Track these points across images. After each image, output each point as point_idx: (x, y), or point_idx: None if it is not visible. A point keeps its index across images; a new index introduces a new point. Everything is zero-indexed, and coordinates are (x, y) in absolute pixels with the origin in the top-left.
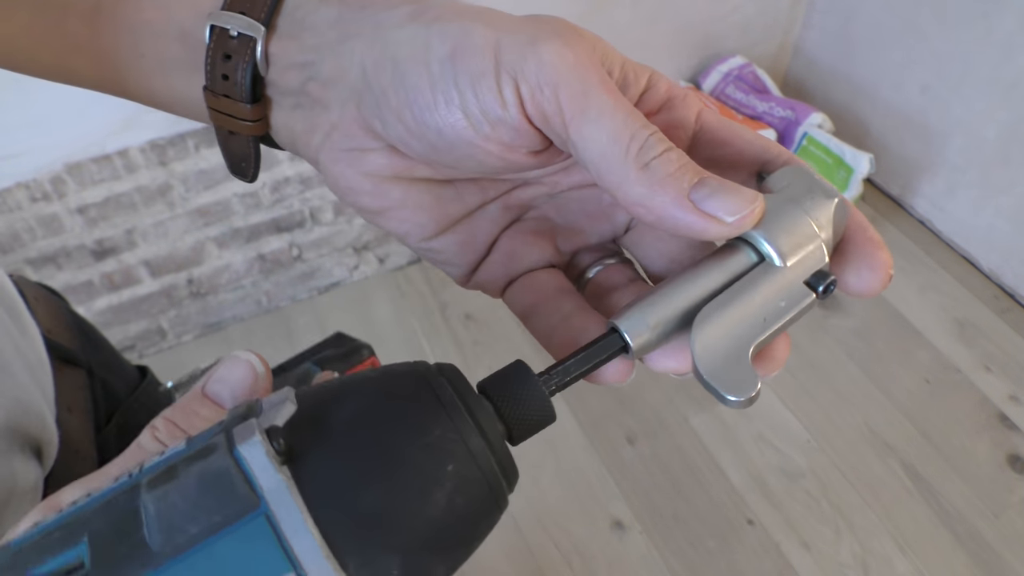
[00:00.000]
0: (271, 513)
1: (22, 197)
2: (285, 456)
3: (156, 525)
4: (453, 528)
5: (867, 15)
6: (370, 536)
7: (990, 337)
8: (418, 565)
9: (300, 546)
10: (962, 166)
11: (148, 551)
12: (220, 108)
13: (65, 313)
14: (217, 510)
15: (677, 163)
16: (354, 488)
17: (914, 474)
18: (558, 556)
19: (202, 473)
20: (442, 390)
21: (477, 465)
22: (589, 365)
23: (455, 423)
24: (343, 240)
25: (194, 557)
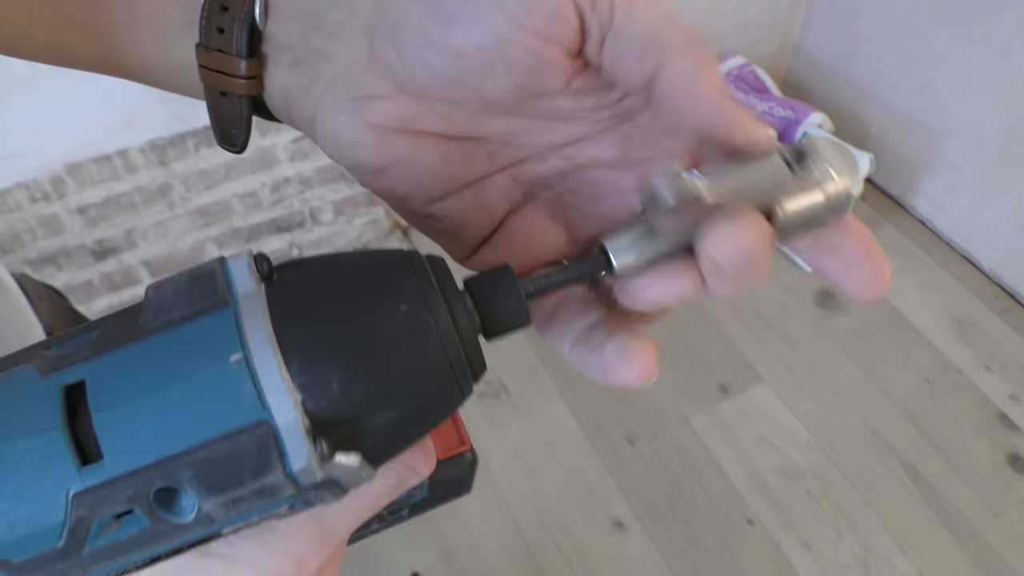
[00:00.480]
0: (238, 310)
1: (22, 197)
2: (266, 276)
3: (150, 308)
4: (397, 366)
5: (867, 15)
6: (315, 344)
7: (990, 337)
8: (358, 388)
9: (254, 338)
10: (962, 166)
11: (138, 329)
12: (213, 65)
13: (68, 311)
14: (198, 301)
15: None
16: (312, 305)
17: (914, 474)
18: (558, 556)
19: (193, 272)
20: (417, 259)
21: (432, 316)
22: (570, 276)
23: (418, 278)
24: (343, 240)
25: (168, 334)
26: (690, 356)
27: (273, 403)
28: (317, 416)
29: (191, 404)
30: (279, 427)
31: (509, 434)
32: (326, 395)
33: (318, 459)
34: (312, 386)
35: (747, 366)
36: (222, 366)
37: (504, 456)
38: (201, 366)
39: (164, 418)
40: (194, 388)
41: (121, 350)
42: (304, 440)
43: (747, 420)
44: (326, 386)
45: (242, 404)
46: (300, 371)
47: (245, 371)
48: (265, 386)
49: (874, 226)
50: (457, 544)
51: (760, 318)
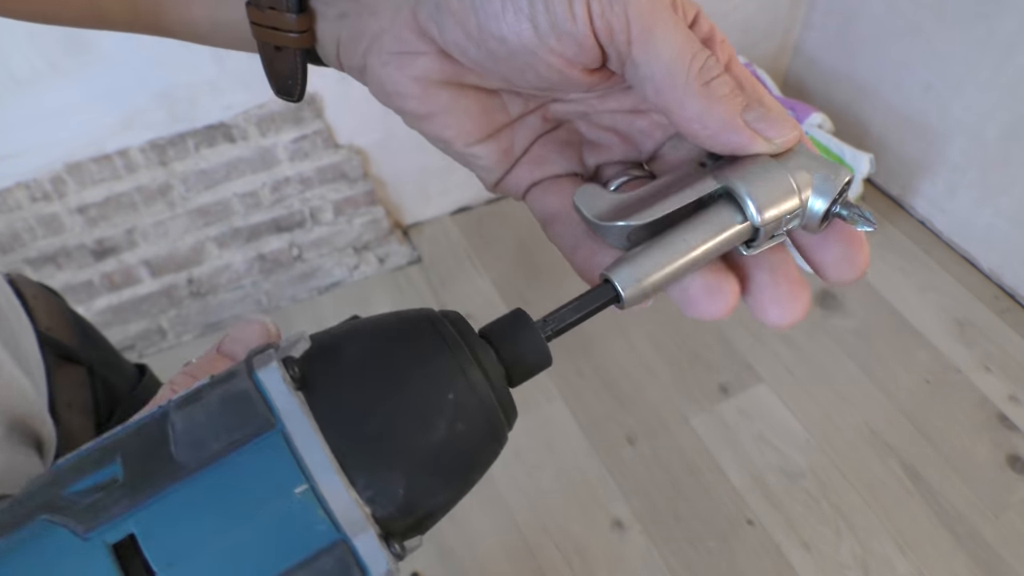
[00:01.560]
0: (286, 431)
1: (22, 197)
2: (299, 382)
3: (182, 440)
4: (453, 453)
5: (867, 15)
6: (376, 455)
7: (990, 337)
8: (421, 485)
9: (312, 461)
10: (962, 166)
11: (175, 464)
12: (265, 22)
13: (64, 311)
14: (238, 428)
15: (731, 85)
16: (362, 411)
17: (914, 474)
18: (558, 556)
19: (224, 394)
20: (445, 329)
21: (476, 396)
22: (583, 313)
23: (456, 357)
24: (343, 240)
25: (216, 470)
26: (690, 356)
27: (346, 524)
28: (387, 521)
29: (262, 542)
30: (355, 545)
31: (509, 434)
32: (394, 503)
33: (395, 561)
34: (379, 498)
35: (747, 366)
36: (288, 499)
37: (504, 456)
38: (264, 501)
39: (237, 561)
40: (262, 526)
41: (166, 493)
42: (380, 550)
43: (747, 420)
44: (393, 495)
45: (316, 532)
46: (367, 487)
47: (313, 500)
48: (336, 510)
49: None
50: (456, 544)
51: None
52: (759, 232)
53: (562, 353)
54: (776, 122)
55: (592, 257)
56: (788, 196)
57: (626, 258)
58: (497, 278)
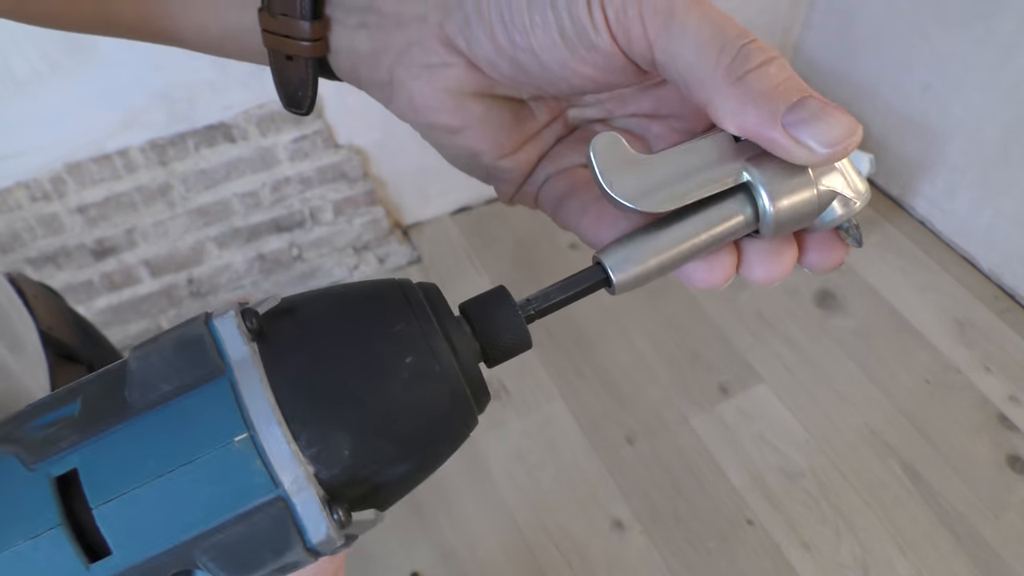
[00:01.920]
0: (234, 379)
1: (22, 196)
2: (256, 334)
3: (135, 381)
4: (408, 419)
5: (867, 15)
6: (323, 412)
7: (990, 337)
8: (370, 448)
9: (256, 412)
10: (962, 166)
11: (126, 405)
12: (277, 30)
13: (65, 311)
14: (188, 372)
15: (775, 78)
16: (313, 367)
17: (914, 474)
18: (558, 556)
19: (179, 338)
20: (414, 296)
21: (438, 363)
22: (570, 293)
23: (419, 321)
24: (343, 240)
25: (162, 412)
26: (690, 356)
27: (285, 480)
28: (331, 484)
29: (198, 488)
30: (294, 503)
31: (509, 434)
32: (339, 463)
33: (337, 528)
34: (324, 456)
35: (747, 366)
36: (227, 447)
37: (504, 456)
38: (203, 447)
39: (171, 505)
40: (199, 472)
41: (111, 432)
42: (321, 512)
43: (747, 420)
44: (338, 454)
45: (253, 485)
46: (310, 443)
47: (252, 449)
48: (275, 463)
49: (874, 226)
50: (456, 544)
51: (760, 318)
52: (766, 229)
53: (562, 353)
54: (826, 127)
55: (599, 222)
56: (806, 213)
57: (621, 241)
58: (497, 278)
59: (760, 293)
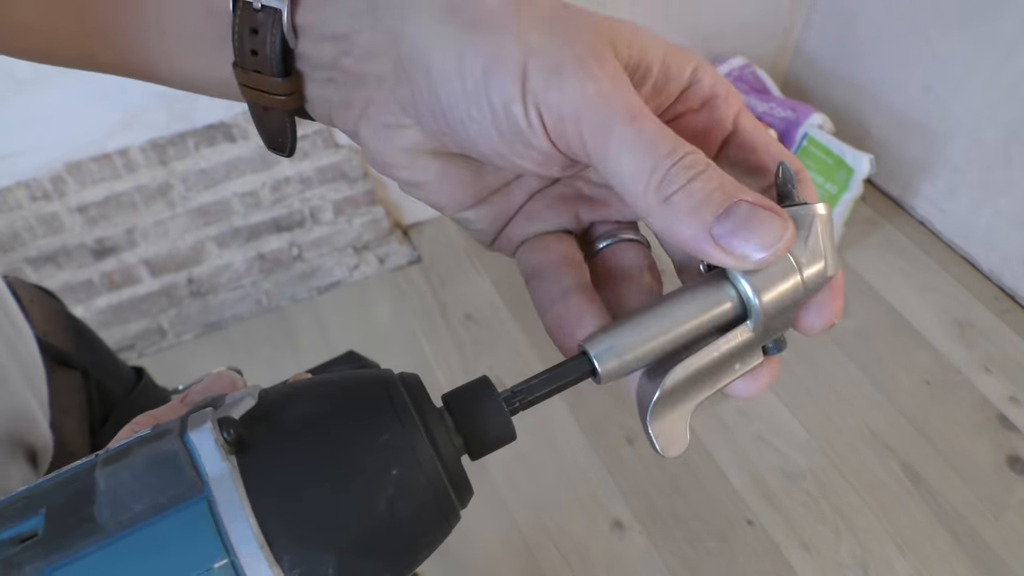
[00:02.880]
0: (213, 499)
1: (22, 196)
2: (235, 446)
3: (105, 501)
4: (394, 534)
5: (868, 16)
6: (307, 532)
7: (990, 338)
8: (354, 567)
9: (237, 535)
10: (962, 167)
11: (95, 526)
12: (251, 84)
13: (61, 315)
14: (162, 491)
15: (701, 193)
16: (297, 483)
17: (914, 475)
18: (558, 556)
19: (151, 454)
20: (398, 397)
21: (423, 473)
22: (555, 386)
23: (405, 429)
24: (343, 240)
25: (135, 535)
26: None
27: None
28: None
29: None
30: None
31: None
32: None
33: None
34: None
35: None
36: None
37: (504, 456)
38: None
39: None
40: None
41: (82, 556)
42: None
43: (747, 420)
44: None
45: None
46: (292, 565)
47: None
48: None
49: (874, 227)
50: (456, 544)
51: None
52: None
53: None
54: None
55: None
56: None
57: (607, 330)
58: (497, 278)
59: None
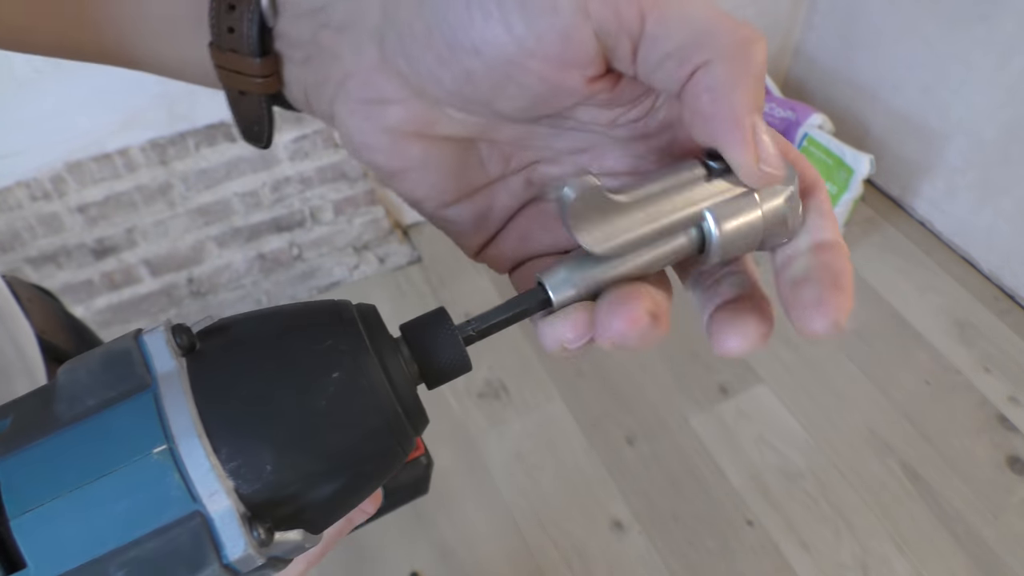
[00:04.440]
0: (159, 393)
1: (22, 196)
2: (186, 349)
3: (62, 396)
4: (334, 436)
5: (868, 16)
6: (245, 426)
7: (990, 338)
8: (293, 464)
9: (178, 426)
10: (962, 167)
11: (53, 419)
12: (228, 65)
13: (59, 314)
14: (113, 386)
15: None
16: (238, 381)
17: (913, 475)
18: (558, 556)
19: (106, 352)
20: (347, 314)
21: (366, 379)
22: (510, 314)
23: (348, 338)
24: (343, 240)
25: (85, 425)
26: (690, 356)
27: (203, 493)
28: (253, 500)
29: (115, 501)
30: (212, 518)
31: (509, 434)
32: (260, 478)
33: (256, 545)
34: (244, 471)
35: (747, 367)
36: (145, 459)
37: (504, 456)
38: (122, 459)
39: (88, 518)
40: (117, 484)
41: (34, 445)
42: (240, 529)
43: (746, 421)
44: (259, 469)
45: (170, 498)
46: (230, 456)
47: (170, 462)
48: (193, 476)
49: (874, 227)
50: (456, 544)
51: None
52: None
53: None
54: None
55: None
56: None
57: (563, 261)
58: (497, 278)
59: None
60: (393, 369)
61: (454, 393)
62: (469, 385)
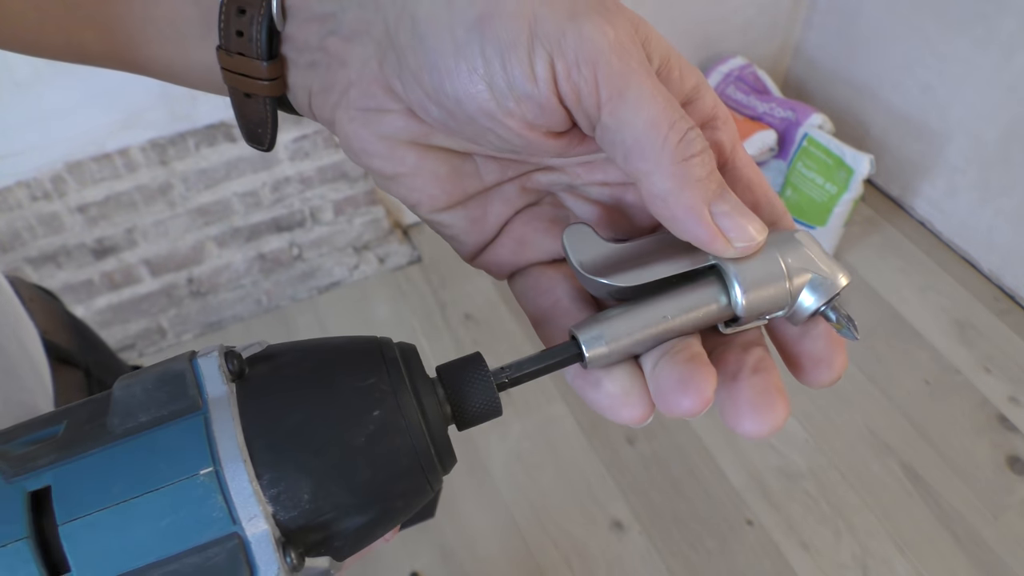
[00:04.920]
0: (209, 417)
1: (22, 196)
2: (236, 375)
3: (117, 410)
4: (369, 471)
5: (868, 16)
6: (288, 455)
7: (990, 338)
8: (330, 495)
9: (225, 450)
10: (962, 167)
11: (105, 431)
12: (235, 68)
13: (61, 314)
14: (167, 405)
15: (709, 168)
16: (284, 410)
17: (913, 475)
18: (558, 556)
19: (162, 371)
20: (389, 353)
21: (404, 419)
22: (543, 365)
23: (391, 378)
24: (343, 240)
25: (136, 441)
26: None
27: (243, 516)
28: (288, 527)
29: (160, 517)
30: (249, 540)
31: (509, 434)
32: (298, 506)
33: (288, 570)
34: (284, 498)
35: None
36: (192, 479)
37: (504, 456)
38: (169, 477)
39: (132, 530)
40: (163, 501)
41: (88, 455)
42: (274, 553)
43: None
44: (298, 498)
45: (212, 519)
46: (272, 483)
47: (215, 485)
48: (236, 500)
49: (874, 227)
50: (456, 544)
51: None
52: (739, 318)
53: None
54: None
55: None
56: (777, 286)
57: (597, 318)
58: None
59: None
60: (430, 409)
61: None
62: None
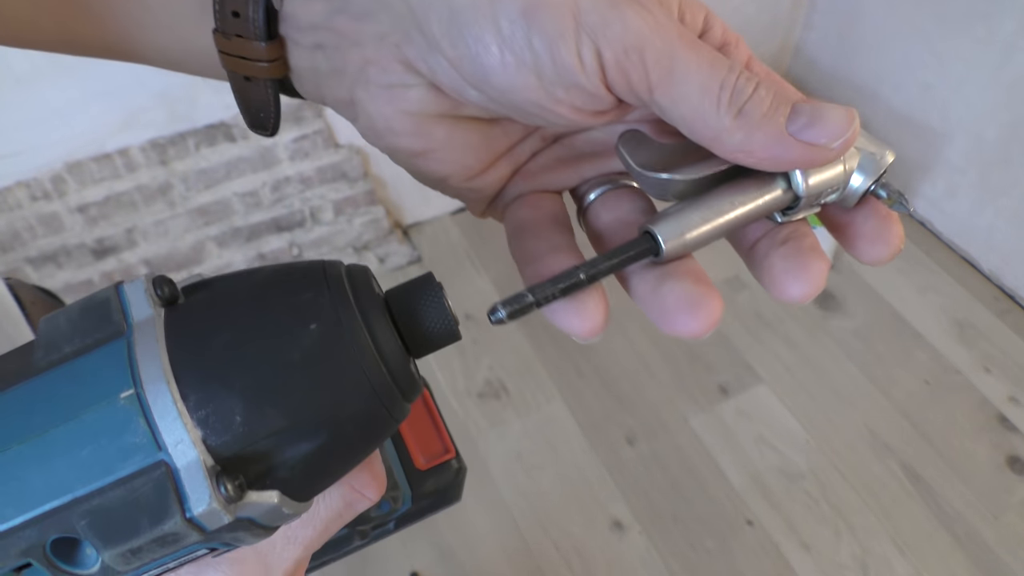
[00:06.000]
0: (132, 340)
1: (22, 196)
2: (167, 301)
3: (42, 343)
4: (308, 391)
5: (868, 16)
6: (215, 373)
7: (990, 338)
8: (265, 418)
9: (147, 372)
10: (962, 167)
11: (30, 366)
12: (232, 51)
13: None
14: (90, 333)
15: (768, 99)
16: (213, 329)
17: (913, 475)
18: (557, 556)
19: (86, 301)
20: (333, 271)
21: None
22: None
23: (330, 292)
24: (343, 240)
25: (58, 372)
26: (690, 356)
27: (170, 441)
28: (222, 453)
29: (80, 447)
30: (178, 468)
31: (509, 434)
32: (229, 430)
33: (223, 501)
34: (213, 420)
35: (747, 367)
36: (111, 404)
37: (503, 456)
38: (88, 405)
39: (52, 463)
40: (82, 429)
41: (8, 391)
42: (205, 481)
43: (746, 421)
44: (229, 420)
45: (135, 445)
46: (199, 405)
47: (137, 408)
48: (159, 423)
49: None
50: (456, 544)
51: (760, 319)
52: (800, 200)
53: (562, 353)
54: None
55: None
56: (833, 167)
57: (669, 212)
58: (497, 277)
59: (760, 293)
60: (377, 327)
61: (454, 393)
62: (469, 385)
